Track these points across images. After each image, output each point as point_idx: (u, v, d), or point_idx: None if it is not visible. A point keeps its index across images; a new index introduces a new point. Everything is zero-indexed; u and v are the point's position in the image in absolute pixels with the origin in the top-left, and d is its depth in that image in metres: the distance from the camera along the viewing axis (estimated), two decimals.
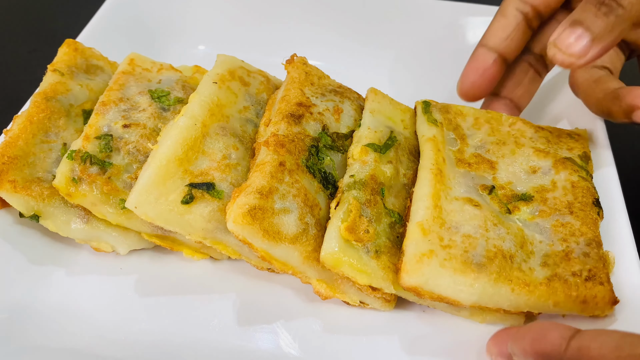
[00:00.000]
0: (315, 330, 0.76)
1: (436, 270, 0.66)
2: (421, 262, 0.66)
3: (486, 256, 0.68)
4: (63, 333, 0.75)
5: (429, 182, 0.74)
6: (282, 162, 0.74)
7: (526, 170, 0.80)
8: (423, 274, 0.66)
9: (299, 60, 0.89)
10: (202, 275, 0.82)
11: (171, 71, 0.94)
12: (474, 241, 0.69)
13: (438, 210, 0.71)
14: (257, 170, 0.74)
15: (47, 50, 0.97)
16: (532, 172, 0.79)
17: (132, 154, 0.81)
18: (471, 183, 0.78)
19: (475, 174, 0.79)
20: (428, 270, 0.66)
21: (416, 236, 0.68)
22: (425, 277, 0.66)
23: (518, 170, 0.80)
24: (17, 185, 0.77)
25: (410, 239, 0.68)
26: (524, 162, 0.80)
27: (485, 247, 0.68)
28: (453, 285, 0.66)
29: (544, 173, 0.79)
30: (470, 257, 0.67)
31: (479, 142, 0.83)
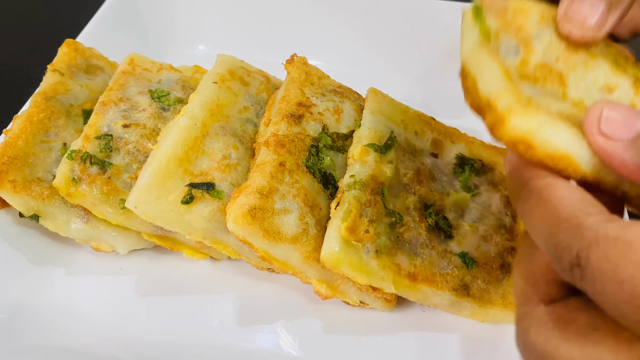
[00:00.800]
0: (315, 330, 0.76)
1: (547, 118, 0.50)
2: (529, 104, 0.50)
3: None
4: (63, 333, 0.75)
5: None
6: (282, 162, 0.74)
7: (601, 87, 0.66)
8: (535, 117, 0.50)
9: (299, 60, 0.89)
10: (202, 275, 0.82)
11: (171, 71, 0.94)
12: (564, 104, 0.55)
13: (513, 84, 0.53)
14: (257, 170, 0.74)
15: (47, 50, 0.97)
16: (607, 91, 0.66)
17: (132, 154, 0.81)
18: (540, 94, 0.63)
19: (541, 89, 0.65)
20: (539, 114, 0.50)
21: (509, 85, 0.52)
22: (538, 121, 0.50)
23: (592, 87, 0.66)
24: (17, 185, 0.77)
25: (498, 78, 0.52)
26: (599, 77, 0.67)
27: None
28: (571, 139, 0.50)
29: (623, 94, 0.66)
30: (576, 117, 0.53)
31: (547, 45, 0.67)
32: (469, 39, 0.58)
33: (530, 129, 0.49)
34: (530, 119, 0.50)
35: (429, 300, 0.73)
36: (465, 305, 0.73)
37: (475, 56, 0.55)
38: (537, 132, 0.49)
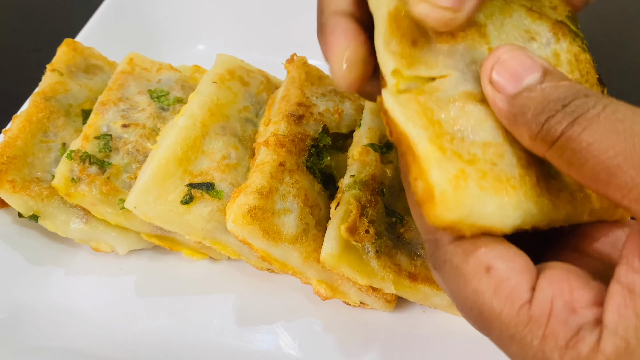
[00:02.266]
0: (315, 330, 0.76)
1: (478, 194, 0.48)
2: (458, 187, 0.48)
3: (518, 164, 0.51)
4: (62, 333, 0.75)
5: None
6: (282, 162, 0.74)
7: (523, 37, 0.60)
8: (465, 203, 0.47)
9: (299, 60, 0.89)
10: (202, 275, 0.82)
11: (170, 71, 0.93)
12: (497, 148, 0.51)
13: (437, 126, 0.51)
14: (257, 170, 0.74)
15: (46, 50, 0.97)
16: (530, 40, 0.60)
17: (131, 154, 0.80)
18: (461, 64, 0.56)
19: (465, 45, 0.58)
20: (469, 197, 0.48)
21: (435, 155, 0.48)
22: (467, 207, 0.48)
23: (514, 38, 0.60)
24: (16, 185, 0.77)
25: (430, 159, 0.48)
26: (517, 25, 0.60)
27: (512, 152, 0.51)
28: (499, 210, 0.49)
29: (545, 42, 0.60)
30: (501, 170, 0.50)
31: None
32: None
33: (458, 219, 0.47)
34: (459, 206, 0.47)
35: (429, 301, 0.73)
36: None
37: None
38: (468, 217, 0.48)
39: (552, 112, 0.43)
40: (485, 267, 0.44)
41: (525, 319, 0.42)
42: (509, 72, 0.47)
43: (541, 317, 0.41)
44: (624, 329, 0.39)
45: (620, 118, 0.40)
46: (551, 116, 0.43)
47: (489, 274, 0.44)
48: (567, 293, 0.42)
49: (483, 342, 0.72)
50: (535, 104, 0.44)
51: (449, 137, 0.50)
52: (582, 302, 0.41)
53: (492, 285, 0.44)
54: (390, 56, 0.53)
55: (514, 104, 0.46)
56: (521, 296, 0.42)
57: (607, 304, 0.40)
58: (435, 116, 0.51)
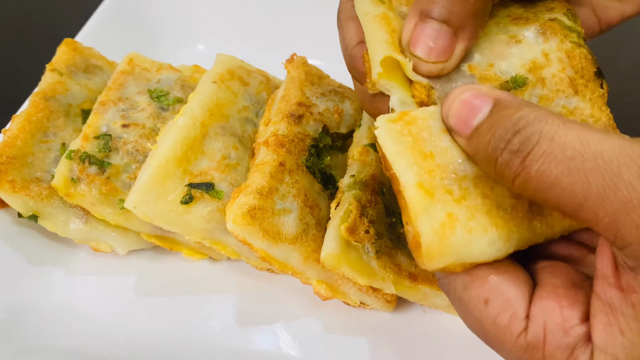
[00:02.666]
0: (315, 331, 0.76)
1: (465, 239, 0.48)
2: (444, 237, 0.48)
3: (509, 194, 0.50)
4: (62, 333, 0.74)
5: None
6: (282, 162, 0.74)
7: (508, 42, 0.59)
8: (452, 252, 0.48)
9: (299, 59, 0.89)
10: (202, 275, 0.81)
11: (170, 71, 0.93)
12: (489, 180, 0.50)
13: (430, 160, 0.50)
14: (256, 170, 0.73)
15: (46, 49, 0.97)
16: (516, 43, 0.59)
17: (131, 154, 0.80)
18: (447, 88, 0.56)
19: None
20: (456, 244, 0.48)
21: (422, 203, 0.48)
22: (455, 254, 0.49)
23: (497, 43, 0.59)
24: (16, 185, 0.77)
25: (417, 209, 0.48)
26: (502, 33, 0.60)
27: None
28: (489, 247, 0.49)
29: (532, 43, 0.59)
30: (493, 203, 0.50)
31: None
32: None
33: (445, 265, 0.49)
34: (446, 255, 0.48)
35: (429, 301, 0.73)
36: None
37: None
38: (457, 261, 0.49)
39: (498, 152, 0.44)
40: (483, 300, 0.48)
41: (523, 345, 0.46)
42: (458, 118, 0.48)
43: (537, 343, 0.45)
44: (612, 347, 0.42)
45: (570, 156, 0.40)
46: (498, 155, 0.44)
47: (487, 305, 0.48)
48: (558, 315, 0.45)
49: (483, 342, 0.72)
50: (484, 143, 0.45)
51: (440, 172, 0.50)
52: (572, 321, 0.44)
53: (491, 317, 0.47)
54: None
55: (470, 145, 0.47)
56: (518, 325, 0.46)
57: (593, 322, 0.43)
58: (428, 148, 0.50)
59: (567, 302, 0.45)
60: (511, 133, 0.43)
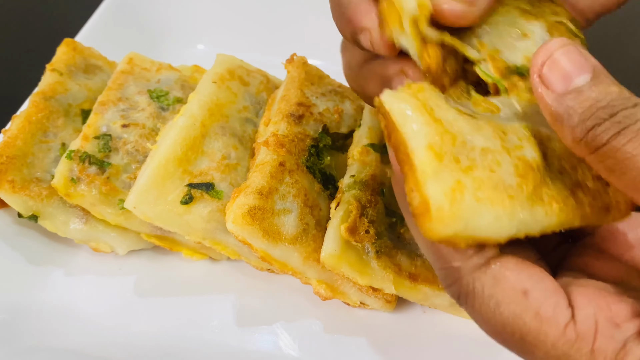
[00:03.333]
0: (315, 331, 0.76)
1: (474, 207, 0.47)
2: (455, 201, 0.46)
3: (515, 173, 0.49)
4: (61, 334, 0.74)
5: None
6: (282, 162, 0.74)
7: (516, 34, 0.59)
8: (462, 217, 0.46)
9: (298, 59, 0.89)
10: (202, 275, 0.81)
11: (170, 71, 0.93)
12: (495, 155, 0.49)
13: (439, 124, 0.49)
14: (256, 170, 0.73)
15: (46, 49, 0.97)
16: (523, 37, 0.59)
17: (131, 154, 0.80)
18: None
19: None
20: (466, 210, 0.46)
21: (432, 165, 0.46)
22: (464, 221, 0.47)
23: (505, 34, 0.59)
24: (16, 186, 0.77)
25: (426, 172, 0.46)
26: (510, 24, 0.60)
27: (510, 161, 0.50)
28: (495, 222, 0.48)
29: (538, 40, 0.59)
30: (499, 178, 0.49)
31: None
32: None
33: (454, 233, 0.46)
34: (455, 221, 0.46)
35: (429, 301, 0.73)
36: None
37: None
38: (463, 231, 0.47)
39: (599, 120, 0.43)
40: (522, 291, 0.45)
41: (572, 337, 0.43)
42: (560, 70, 0.46)
43: (588, 334, 0.42)
44: None
45: None
46: (598, 124, 0.43)
47: (527, 297, 0.44)
48: (607, 309, 0.43)
49: (483, 342, 0.72)
50: (582, 108, 0.44)
51: (449, 139, 0.48)
52: (622, 317, 0.43)
53: (533, 309, 0.44)
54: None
55: (561, 103, 0.45)
56: (564, 315, 0.43)
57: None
58: (437, 114, 0.49)
59: (613, 299, 0.44)
60: (619, 108, 0.43)
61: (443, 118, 0.49)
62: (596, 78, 0.45)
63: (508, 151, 0.50)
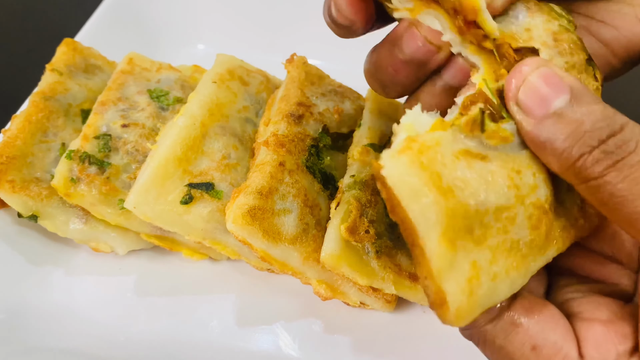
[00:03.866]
0: (315, 331, 0.76)
1: (490, 289, 0.45)
2: (472, 292, 0.44)
3: (529, 225, 0.46)
4: (62, 333, 0.74)
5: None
6: (282, 162, 0.74)
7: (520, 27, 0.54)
8: (480, 306, 0.45)
9: (299, 59, 0.89)
10: (202, 275, 0.81)
11: (170, 71, 0.93)
12: (510, 211, 0.45)
13: (450, 195, 0.43)
14: (256, 170, 0.73)
15: (46, 49, 0.97)
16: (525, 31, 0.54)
17: (131, 154, 0.80)
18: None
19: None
20: (483, 296, 0.45)
21: (446, 258, 0.43)
22: (482, 306, 0.46)
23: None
24: (16, 186, 0.77)
25: (441, 267, 0.43)
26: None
27: (525, 212, 0.46)
28: (510, 288, 0.47)
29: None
30: (513, 239, 0.46)
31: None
32: None
33: (473, 318, 0.46)
34: (474, 312, 0.45)
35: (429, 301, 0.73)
36: None
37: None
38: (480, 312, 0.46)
39: (587, 149, 0.41)
40: (530, 347, 0.45)
41: None
42: (537, 94, 0.43)
43: None
44: None
45: None
46: (586, 152, 0.41)
47: (536, 352, 0.45)
48: (614, 353, 0.43)
49: None
50: (565, 134, 0.42)
51: (462, 211, 0.43)
52: (626, 356, 0.43)
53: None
54: None
55: (542, 129, 0.43)
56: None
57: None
58: (445, 181, 0.43)
59: (617, 338, 0.44)
60: (607, 133, 0.40)
61: (452, 183, 0.43)
62: (575, 98, 0.43)
63: (522, 200, 0.46)
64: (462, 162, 0.44)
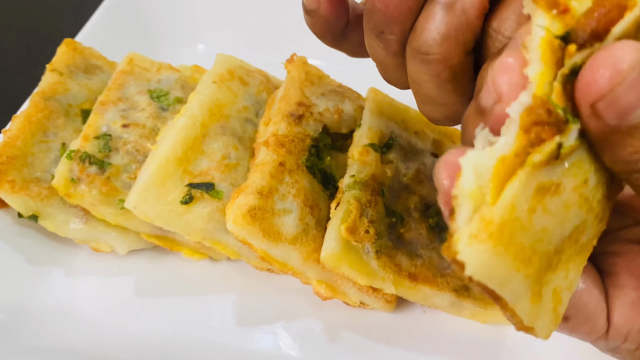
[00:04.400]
0: (315, 331, 0.76)
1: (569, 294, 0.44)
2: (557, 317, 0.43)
3: (596, 222, 0.44)
4: (61, 334, 0.74)
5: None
6: (282, 162, 0.74)
7: None
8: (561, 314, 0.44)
9: (299, 59, 0.89)
10: (202, 275, 0.81)
11: (170, 71, 0.93)
12: (583, 226, 0.42)
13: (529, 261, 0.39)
14: (256, 170, 0.73)
15: (46, 50, 0.97)
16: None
17: (131, 154, 0.80)
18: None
19: None
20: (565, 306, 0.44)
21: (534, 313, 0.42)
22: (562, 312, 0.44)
23: None
24: (16, 186, 0.77)
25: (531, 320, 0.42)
26: None
27: (593, 217, 0.43)
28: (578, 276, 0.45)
29: None
30: (585, 240, 0.44)
31: None
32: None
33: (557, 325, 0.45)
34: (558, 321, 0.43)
35: (429, 301, 0.73)
36: (466, 306, 0.73)
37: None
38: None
39: None
40: (564, 318, 0.46)
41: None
42: (616, 104, 0.35)
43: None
44: None
45: None
46: None
47: (567, 323, 0.47)
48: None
49: (483, 342, 0.72)
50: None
51: (545, 260, 0.40)
52: None
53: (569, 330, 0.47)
54: None
55: (616, 135, 0.37)
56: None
57: None
58: (528, 252, 0.38)
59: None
60: None
61: (534, 244, 0.39)
62: None
63: (591, 207, 0.42)
64: (539, 211, 0.39)
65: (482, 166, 0.37)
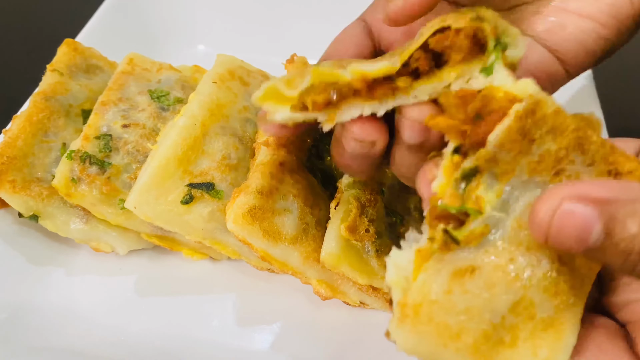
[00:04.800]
0: (315, 330, 0.76)
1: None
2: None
3: (549, 295, 0.46)
4: (62, 333, 0.74)
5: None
6: (282, 162, 0.74)
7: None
8: None
9: (299, 60, 0.89)
10: (202, 275, 0.82)
11: (171, 71, 0.93)
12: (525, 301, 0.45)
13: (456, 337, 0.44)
14: (257, 170, 0.74)
15: (47, 50, 0.97)
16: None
17: (131, 154, 0.80)
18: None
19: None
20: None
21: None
22: None
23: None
24: (17, 186, 0.77)
25: None
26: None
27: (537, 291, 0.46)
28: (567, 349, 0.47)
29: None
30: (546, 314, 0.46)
31: None
32: None
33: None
34: None
35: None
36: None
37: None
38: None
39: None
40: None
41: None
42: (569, 237, 0.39)
43: None
44: None
45: None
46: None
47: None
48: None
49: None
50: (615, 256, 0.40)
51: (483, 337, 0.44)
52: None
53: None
54: None
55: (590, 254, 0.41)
56: None
57: None
58: (454, 326, 0.43)
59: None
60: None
61: (460, 323, 0.44)
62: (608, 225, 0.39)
63: (530, 283, 0.45)
64: (457, 292, 0.44)
65: (403, 260, 0.46)
